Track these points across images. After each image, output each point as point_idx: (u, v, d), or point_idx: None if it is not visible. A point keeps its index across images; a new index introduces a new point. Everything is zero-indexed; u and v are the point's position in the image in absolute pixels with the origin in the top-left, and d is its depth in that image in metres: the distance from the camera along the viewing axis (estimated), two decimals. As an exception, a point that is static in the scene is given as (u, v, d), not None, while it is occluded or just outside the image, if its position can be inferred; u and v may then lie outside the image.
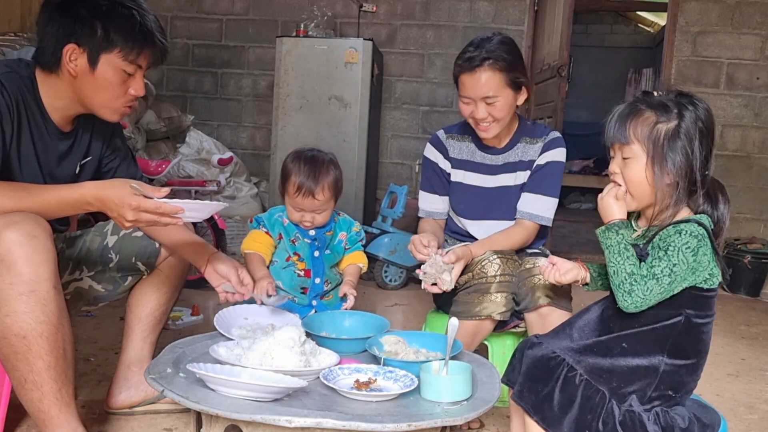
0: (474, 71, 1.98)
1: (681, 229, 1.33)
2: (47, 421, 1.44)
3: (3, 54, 3.50)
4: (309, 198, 1.93)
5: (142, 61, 1.60)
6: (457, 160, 2.20)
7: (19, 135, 1.56)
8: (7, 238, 1.34)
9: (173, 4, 5.24)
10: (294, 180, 1.94)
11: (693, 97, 1.41)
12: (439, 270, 1.85)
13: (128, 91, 1.61)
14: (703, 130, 1.37)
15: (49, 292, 1.39)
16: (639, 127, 1.39)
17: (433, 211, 2.22)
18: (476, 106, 2.00)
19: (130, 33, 1.55)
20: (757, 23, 4.67)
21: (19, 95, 1.54)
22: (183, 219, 1.49)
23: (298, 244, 2.02)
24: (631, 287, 1.34)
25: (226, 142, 5.04)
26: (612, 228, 1.40)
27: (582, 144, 8.50)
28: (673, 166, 1.36)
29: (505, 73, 1.98)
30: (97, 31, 1.53)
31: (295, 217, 1.99)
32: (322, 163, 1.97)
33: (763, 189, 4.76)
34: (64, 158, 1.69)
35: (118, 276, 1.85)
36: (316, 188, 1.93)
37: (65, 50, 1.53)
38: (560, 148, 2.12)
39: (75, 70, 1.55)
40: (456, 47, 4.96)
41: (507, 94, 2.00)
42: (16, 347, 1.38)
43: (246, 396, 1.33)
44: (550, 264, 1.57)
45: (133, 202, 1.42)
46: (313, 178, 1.93)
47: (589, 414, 1.33)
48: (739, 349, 3.05)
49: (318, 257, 2.03)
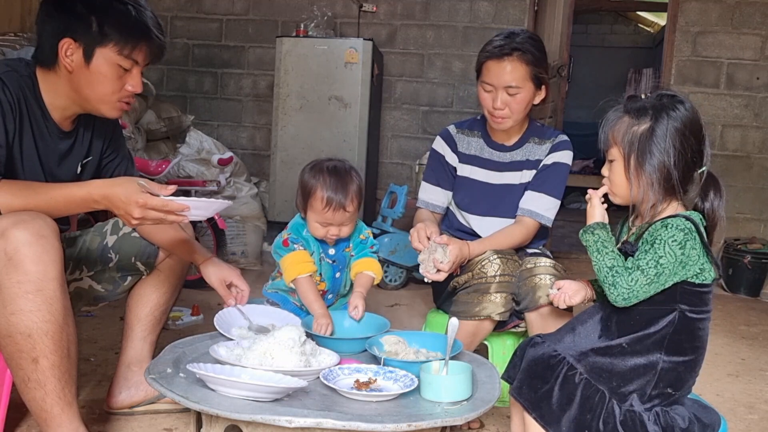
0: (502, 59, 2.01)
1: (668, 223, 1.36)
2: (49, 421, 1.44)
3: (3, 54, 3.50)
4: (340, 212, 1.82)
5: (138, 56, 1.60)
6: (465, 155, 2.21)
7: (21, 133, 1.56)
8: (16, 237, 1.35)
9: (173, 4, 5.24)
10: (321, 195, 1.82)
11: (675, 98, 1.43)
12: (433, 251, 1.85)
13: (125, 86, 1.61)
14: (679, 130, 1.39)
15: (56, 291, 1.39)
16: (616, 131, 1.44)
17: (432, 203, 2.23)
18: (497, 95, 2.03)
19: (125, 27, 1.55)
20: (757, 23, 4.67)
21: (20, 94, 1.55)
22: (188, 217, 1.49)
23: (323, 264, 1.94)
24: (614, 279, 1.38)
25: (226, 142, 5.04)
26: (588, 230, 1.48)
27: (582, 144, 8.43)
28: (647, 166, 1.40)
29: (531, 67, 2.02)
30: (92, 26, 1.53)
31: (320, 233, 1.87)
32: (346, 173, 1.87)
33: (763, 189, 4.76)
34: (65, 158, 1.69)
35: (117, 276, 1.85)
36: (347, 200, 1.82)
37: (61, 44, 1.54)
38: (567, 151, 2.14)
39: (71, 65, 1.55)
40: (456, 47, 4.98)
41: (528, 88, 2.04)
42: (20, 345, 1.38)
43: (246, 396, 1.33)
44: (556, 289, 1.60)
45: (140, 200, 1.43)
46: (342, 190, 1.82)
47: (588, 413, 1.33)
48: (739, 349, 3.05)
49: (338, 278, 1.98)
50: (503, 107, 2.03)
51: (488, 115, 2.10)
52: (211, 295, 3.24)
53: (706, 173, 1.43)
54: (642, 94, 1.46)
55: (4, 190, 1.42)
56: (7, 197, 1.41)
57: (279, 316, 1.86)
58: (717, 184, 1.43)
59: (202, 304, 2.95)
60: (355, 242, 1.98)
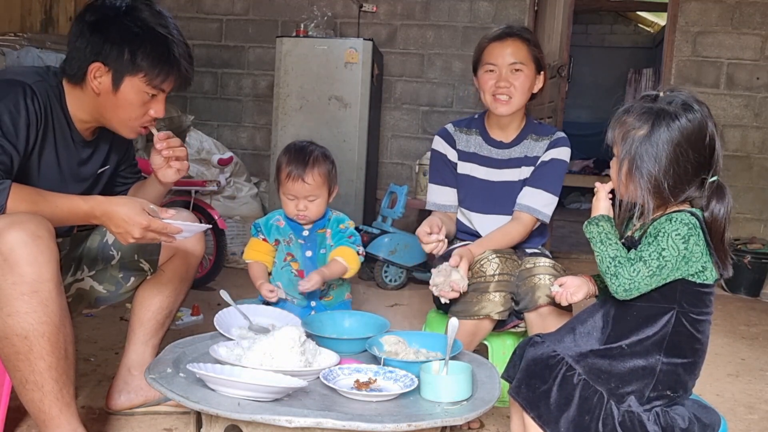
0: (504, 39, 2.10)
1: (672, 217, 1.36)
2: (48, 422, 1.44)
3: (3, 54, 3.50)
4: (299, 182, 1.97)
5: (166, 86, 1.64)
6: (464, 153, 2.22)
7: (44, 142, 1.59)
8: (11, 238, 1.35)
9: (173, 4, 5.24)
10: (284, 166, 2.00)
11: (685, 104, 1.39)
12: (447, 274, 1.84)
13: (148, 111, 1.66)
14: (675, 141, 1.36)
15: (52, 292, 1.39)
16: (618, 131, 1.45)
17: (444, 204, 2.22)
18: (500, 74, 2.07)
19: (157, 60, 1.58)
20: (757, 23, 4.67)
21: (48, 103, 1.58)
22: (177, 238, 1.59)
23: (292, 245, 2.04)
24: (616, 270, 1.38)
25: (226, 142, 5.04)
26: (593, 221, 1.48)
27: (582, 144, 8.48)
28: (638, 172, 1.39)
29: (531, 47, 2.11)
30: (125, 54, 1.56)
31: (290, 209, 2.01)
32: (311, 152, 2.02)
33: (763, 189, 4.76)
34: (84, 165, 1.74)
35: (119, 276, 1.85)
36: (305, 171, 1.97)
37: (90, 68, 1.57)
38: (565, 148, 2.15)
39: (98, 88, 1.59)
40: (456, 47, 4.98)
41: (530, 69, 2.11)
42: (17, 347, 1.38)
43: (246, 396, 1.33)
44: (558, 286, 1.60)
45: (144, 222, 1.48)
46: (302, 161, 1.98)
47: (587, 414, 1.33)
48: (739, 349, 3.05)
49: (310, 257, 2.04)
50: (508, 85, 2.06)
51: (491, 98, 2.10)
52: (211, 295, 3.24)
53: (717, 183, 1.40)
54: (662, 92, 1.43)
55: (12, 195, 1.42)
56: (14, 201, 1.42)
57: (279, 316, 1.86)
58: (721, 193, 1.40)
59: (202, 304, 2.95)
60: (334, 231, 2.07)
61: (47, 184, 1.59)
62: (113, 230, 1.52)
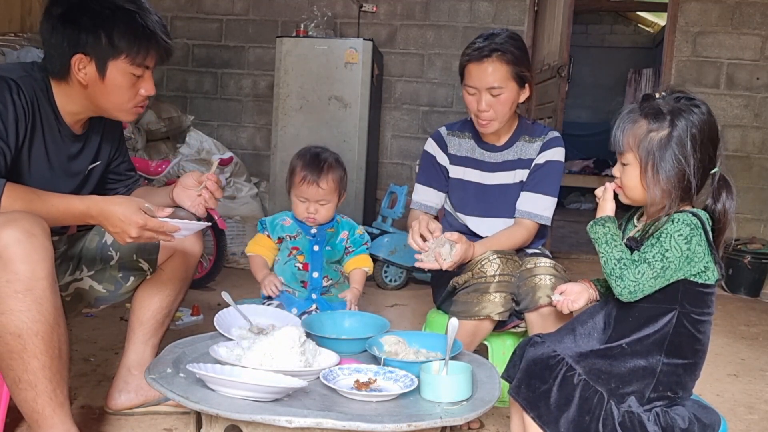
0: (482, 61, 2.01)
1: (674, 218, 1.36)
2: (41, 421, 1.43)
3: (3, 54, 3.50)
4: (313, 186, 2.02)
5: (149, 62, 1.63)
6: (456, 157, 2.22)
7: (32, 138, 1.58)
8: (5, 235, 1.34)
9: (173, 4, 5.24)
10: (299, 170, 2.04)
11: (692, 101, 1.41)
12: (440, 244, 1.86)
13: (139, 91, 1.65)
14: (696, 136, 1.37)
15: (46, 291, 1.38)
16: (632, 136, 1.42)
17: (426, 204, 2.23)
18: (480, 97, 2.03)
19: (134, 37, 1.57)
20: (757, 23, 4.67)
21: (34, 97, 1.57)
22: (175, 237, 1.58)
23: (299, 238, 2.08)
24: (621, 272, 1.37)
25: (226, 142, 5.04)
26: (599, 222, 1.47)
27: (582, 144, 8.50)
28: (665, 175, 1.38)
29: (511, 66, 2.01)
30: (102, 39, 1.55)
31: (300, 211, 2.06)
32: (326, 158, 2.08)
33: (763, 189, 4.76)
34: (74, 159, 1.72)
35: (119, 276, 1.84)
36: (320, 176, 2.02)
37: (73, 61, 1.56)
38: (559, 148, 2.14)
39: (85, 79, 1.58)
40: (456, 47, 4.98)
41: (512, 87, 2.03)
42: (11, 346, 1.37)
43: (246, 396, 1.33)
44: (559, 294, 1.60)
45: (140, 221, 1.48)
46: (318, 166, 2.03)
47: (587, 415, 1.33)
48: (739, 349, 3.05)
49: (317, 252, 2.07)
50: (488, 109, 2.03)
51: (474, 118, 2.11)
52: (211, 295, 3.24)
53: (719, 175, 1.41)
54: (658, 93, 1.44)
55: (6, 194, 1.42)
56: (9, 201, 1.42)
57: (279, 316, 1.86)
58: (729, 185, 1.41)
59: (202, 304, 2.95)
60: (351, 234, 2.14)
61: (38, 179, 1.58)
62: (110, 230, 1.51)
